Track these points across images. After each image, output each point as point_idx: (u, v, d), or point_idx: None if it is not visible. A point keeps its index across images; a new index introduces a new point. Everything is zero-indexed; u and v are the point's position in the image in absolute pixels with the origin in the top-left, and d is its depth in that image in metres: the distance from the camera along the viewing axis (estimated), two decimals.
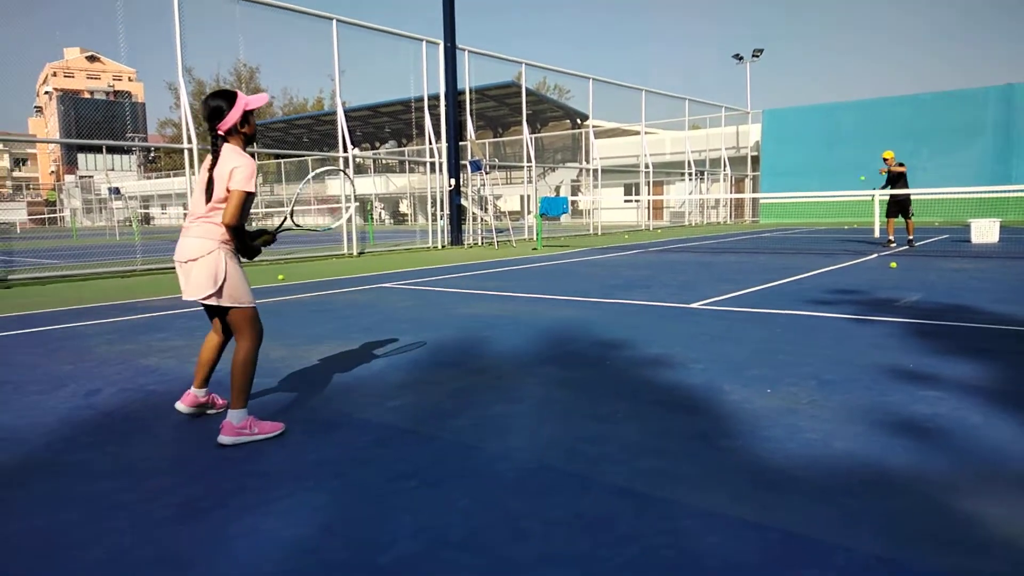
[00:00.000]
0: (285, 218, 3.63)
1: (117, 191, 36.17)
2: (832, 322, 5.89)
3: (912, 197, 13.85)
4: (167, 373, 4.62)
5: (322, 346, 5.39)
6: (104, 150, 60.93)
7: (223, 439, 3.17)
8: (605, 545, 2.17)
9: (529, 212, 24.92)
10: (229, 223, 3.17)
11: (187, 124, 12.50)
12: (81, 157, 66.94)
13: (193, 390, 3.56)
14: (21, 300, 8.77)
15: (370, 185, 40.76)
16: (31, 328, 6.60)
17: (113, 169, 62.75)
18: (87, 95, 73.54)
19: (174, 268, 3.38)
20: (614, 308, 6.97)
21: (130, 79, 77.65)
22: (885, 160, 13.84)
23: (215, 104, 3.24)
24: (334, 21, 15.25)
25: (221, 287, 3.22)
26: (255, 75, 69.75)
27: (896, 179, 13.75)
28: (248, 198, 3.20)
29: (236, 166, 3.17)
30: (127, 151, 64.87)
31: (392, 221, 48.33)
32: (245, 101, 3.27)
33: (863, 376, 4.10)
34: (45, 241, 30.24)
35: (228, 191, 3.18)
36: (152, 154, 71.33)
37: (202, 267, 3.21)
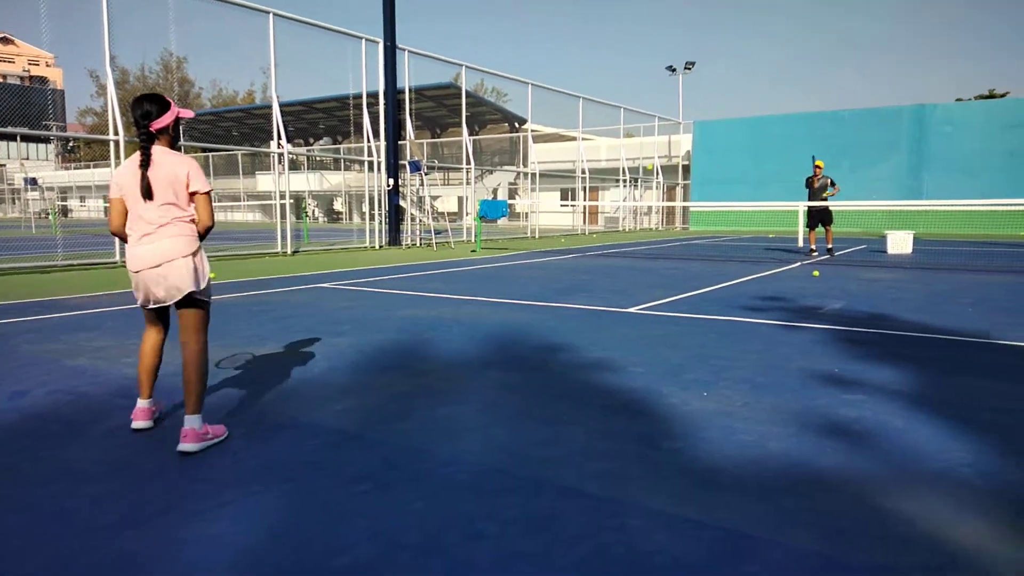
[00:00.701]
0: None
1: (34, 181, 34.35)
2: (762, 328, 6.14)
3: (832, 209, 14.54)
4: (99, 374, 4.47)
5: (261, 347, 5.30)
6: (18, 138, 57.75)
7: (189, 447, 3.06)
8: (559, 544, 2.24)
9: (467, 214, 24.95)
10: (211, 224, 3.33)
11: (114, 114, 12.02)
12: None
13: (143, 403, 3.41)
14: None
15: (303, 182, 39.96)
16: None
17: (28, 158, 59.58)
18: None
19: (97, 264, 3.37)
20: (555, 312, 7.08)
21: (48, 64, 73.88)
22: (817, 167, 14.45)
23: (149, 106, 3.25)
24: (271, 15, 14.94)
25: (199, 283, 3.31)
26: (183, 65, 67.52)
27: (818, 191, 14.41)
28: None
29: (189, 169, 3.24)
30: (44, 140, 61.72)
31: (326, 219, 47.51)
32: (177, 110, 3.34)
33: (792, 380, 4.31)
34: None
35: (191, 195, 3.28)
36: (71, 144, 68.09)
37: (186, 266, 3.22)
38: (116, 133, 11.98)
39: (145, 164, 3.19)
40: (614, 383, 4.24)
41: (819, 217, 14.50)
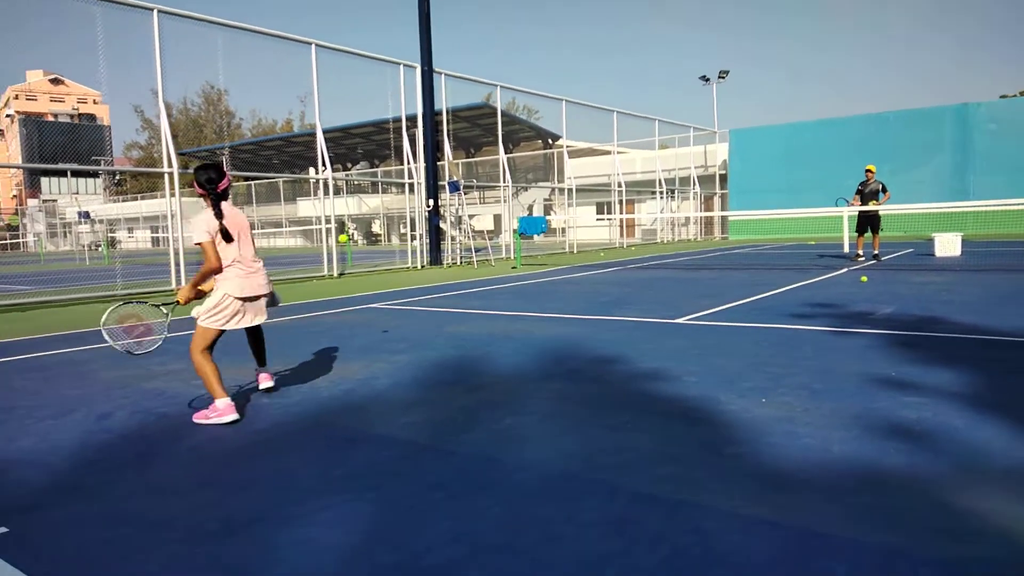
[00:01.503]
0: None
1: (87, 215, 35.65)
2: (813, 334, 6.14)
3: (880, 213, 14.36)
4: (175, 396, 4.69)
5: (324, 366, 5.49)
6: (68, 173, 59.99)
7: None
8: (637, 545, 2.33)
9: (503, 231, 25.17)
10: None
11: (168, 149, 12.50)
12: (44, 180, 65.89)
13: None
14: (4, 327, 8.70)
15: (343, 206, 40.70)
16: (23, 355, 6.59)
17: (77, 192, 61.82)
18: (51, 118, 72.53)
19: (155, 293, 4.01)
20: (603, 324, 7.17)
21: (95, 102, 76.72)
22: (868, 171, 14.25)
23: (213, 174, 4.22)
24: (313, 46, 15.39)
25: None
26: (223, 97, 69.47)
27: (868, 196, 14.23)
28: None
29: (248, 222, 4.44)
30: (93, 174, 63.99)
31: (365, 242, 48.27)
32: (229, 176, 4.32)
33: (849, 385, 4.34)
34: (13, 267, 29.67)
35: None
36: (117, 177, 70.45)
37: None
38: (170, 165, 12.45)
39: (219, 215, 4.13)
40: (672, 392, 4.32)
41: (868, 222, 14.32)
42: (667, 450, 3.26)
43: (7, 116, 72.46)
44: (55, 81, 75.87)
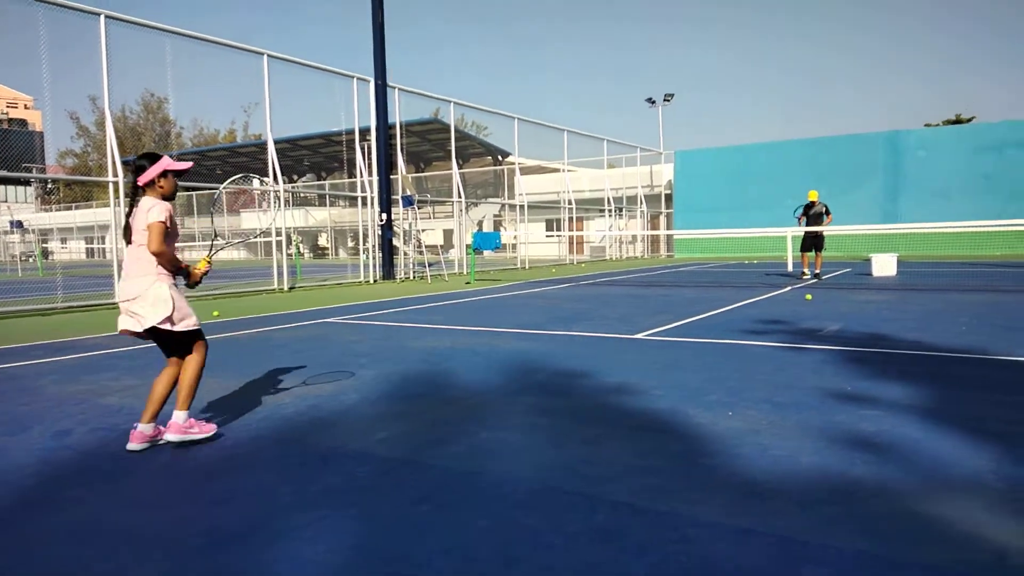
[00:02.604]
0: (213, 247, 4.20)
1: (20, 224, 34.13)
2: (769, 350, 6.35)
3: (824, 234, 15.02)
4: (133, 412, 4.54)
5: (286, 381, 5.41)
6: None
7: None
8: (626, 552, 2.39)
9: (453, 247, 25.17)
10: (154, 251, 3.62)
11: (113, 156, 12.14)
12: None
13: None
14: None
15: (289, 218, 40.05)
16: None
17: (7, 201, 59.19)
18: None
19: (97, 306, 3.73)
20: (564, 340, 7.25)
21: (26, 107, 73.83)
22: (811, 197, 15.01)
23: (140, 163, 3.73)
24: (265, 56, 15.20)
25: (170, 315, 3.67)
26: (163, 105, 67.72)
27: (813, 217, 14.92)
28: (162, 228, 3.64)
29: (150, 207, 3.65)
30: (25, 182, 61.46)
31: (311, 255, 47.56)
32: (167, 162, 3.74)
33: (809, 399, 4.50)
34: None
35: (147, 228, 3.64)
36: (50, 185, 67.80)
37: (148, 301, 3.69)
38: (115, 174, 12.09)
39: (129, 213, 3.76)
40: (640, 406, 4.41)
41: (813, 242, 14.98)
42: (642, 462, 3.33)
43: None
44: None
